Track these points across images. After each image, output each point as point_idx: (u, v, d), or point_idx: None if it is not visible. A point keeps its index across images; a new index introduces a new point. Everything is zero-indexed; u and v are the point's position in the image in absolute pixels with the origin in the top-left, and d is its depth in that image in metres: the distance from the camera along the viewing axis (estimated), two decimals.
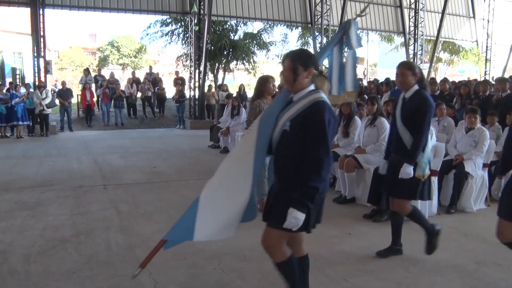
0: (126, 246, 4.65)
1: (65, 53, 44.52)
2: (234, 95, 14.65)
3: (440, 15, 23.28)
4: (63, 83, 16.56)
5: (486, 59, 25.02)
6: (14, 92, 13.85)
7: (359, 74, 38.03)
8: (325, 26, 20.25)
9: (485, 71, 25.07)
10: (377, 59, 47.70)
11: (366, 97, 9.61)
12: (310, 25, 21.09)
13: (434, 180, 5.74)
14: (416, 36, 21.81)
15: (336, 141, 7.05)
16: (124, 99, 17.45)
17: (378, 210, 5.62)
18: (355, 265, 4.19)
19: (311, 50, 21.50)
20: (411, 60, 21.63)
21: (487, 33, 24.69)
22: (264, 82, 5.90)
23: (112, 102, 17.28)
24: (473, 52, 27.30)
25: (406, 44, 22.82)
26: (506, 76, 16.34)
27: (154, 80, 19.49)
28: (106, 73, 21.21)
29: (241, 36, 25.21)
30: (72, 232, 5.04)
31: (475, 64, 27.78)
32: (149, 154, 10.70)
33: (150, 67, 22.73)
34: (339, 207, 6.22)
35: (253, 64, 26.14)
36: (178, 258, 4.27)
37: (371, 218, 5.58)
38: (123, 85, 18.68)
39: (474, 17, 25.20)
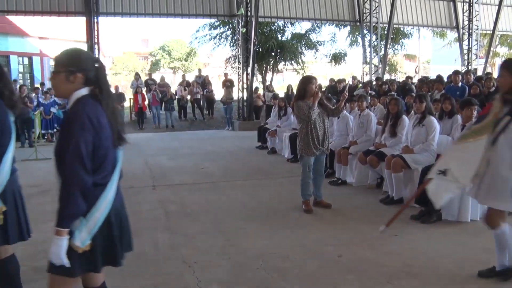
0: (172, 245, 4.76)
1: (119, 58, 45.99)
2: (282, 95, 14.68)
3: (496, 7, 22.31)
4: (116, 88, 17.13)
5: None
6: None
7: (410, 72, 36.97)
8: (374, 24, 19.92)
9: None
10: (430, 55, 46.35)
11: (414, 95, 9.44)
12: (358, 24, 20.79)
13: None
14: (470, 31, 21.04)
15: (383, 140, 6.93)
16: (175, 101, 17.83)
17: (427, 211, 5.47)
18: (401, 267, 4.09)
19: (360, 48, 21.24)
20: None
21: None
22: (307, 82, 5.88)
23: (163, 105, 17.70)
24: None
25: (460, 40, 22.04)
26: None
27: (203, 82, 19.79)
28: (157, 76, 21.74)
29: (289, 37, 25.18)
30: None
31: None
32: (197, 155, 10.89)
33: (200, 70, 23.10)
34: (386, 208, 6.09)
35: (301, 64, 26.06)
36: (222, 257, 4.34)
37: (419, 219, 5.44)
38: (173, 88, 19.09)
39: None
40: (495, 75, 13.07)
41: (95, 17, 16.07)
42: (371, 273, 3.96)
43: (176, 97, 18.15)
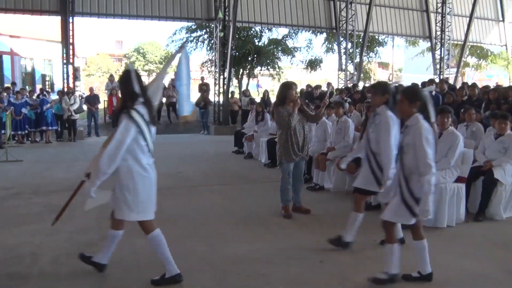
0: (151, 250, 4.68)
1: (92, 59, 45.34)
2: (258, 100, 14.71)
3: (468, 19, 22.95)
4: (91, 89, 16.86)
5: None
6: (44, 97, 14.19)
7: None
8: (350, 32, 20.17)
9: None
10: (403, 64, 47.17)
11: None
12: (335, 31, 21.03)
13: (462, 187, 5.66)
14: (442, 41, 21.55)
15: None
16: None
17: None
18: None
19: (336, 55, 21.47)
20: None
21: None
22: (287, 88, 5.88)
23: None
24: (502, 56, 26.78)
25: (432, 49, 22.55)
26: None
27: None
28: None
29: (266, 42, 25.29)
30: (99, 236, 5.10)
31: (504, 68, 27.25)
32: (173, 159, 10.79)
33: (175, 73, 22.91)
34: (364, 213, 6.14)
35: (277, 70, 26.17)
36: (205, 262, 4.31)
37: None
38: None
39: (503, 20, 24.74)
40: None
41: (70, 17, 15.83)
42: (354, 278, 3.99)
43: None
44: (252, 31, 24.32)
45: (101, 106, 17.00)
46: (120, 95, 4.12)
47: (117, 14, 16.83)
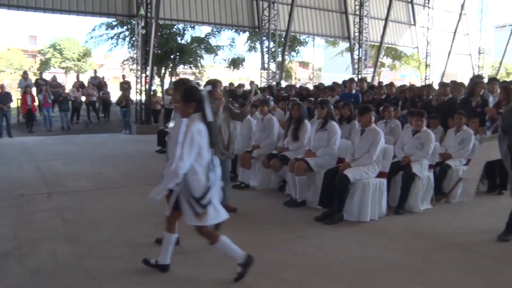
0: (74, 256, 4.45)
1: (2, 55, 42.58)
2: None
3: (383, 22, 24.07)
4: (2, 87, 15.77)
5: (426, 65, 26.07)
6: None
7: (305, 79, 38.61)
8: (272, 31, 20.41)
9: (425, 76, 26.10)
10: (322, 63, 48.60)
11: (313, 100, 9.80)
12: (257, 30, 21.20)
13: (383, 181, 5.88)
14: (360, 42, 22.39)
15: (286, 144, 7.07)
16: (70, 103, 16.93)
17: (329, 213, 5.67)
18: (310, 268, 4.19)
19: (259, 54, 21.69)
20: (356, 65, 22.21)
21: (427, 40, 25.78)
22: (212, 86, 5.80)
23: (56, 105, 16.67)
24: (414, 58, 28.32)
25: (351, 49, 23.39)
26: (445, 81, 17.01)
27: (99, 84, 18.96)
28: (48, 76, 20.44)
29: (189, 40, 24.98)
30: (14, 244, 4.76)
31: (416, 69, 28.85)
32: (95, 160, 10.36)
33: (95, 71, 22.12)
34: (290, 211, 6.23)
35: (200, 69, 25.96)
36: (129, 267, 4.13)
37: (322, 220, 5.62)
38: (67, 89, 18.10)
39: (415, 24, 26.19)
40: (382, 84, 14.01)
41: None
42: (283, 276, 4.00)
43: (71, 98, 17.20)
44: (174, 29, 23.90)
45: (13, 105, 15.97)
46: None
47: (30, 6, 15.82)
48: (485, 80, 10.96)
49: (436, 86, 10.83)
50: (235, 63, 27.14)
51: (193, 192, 3.63)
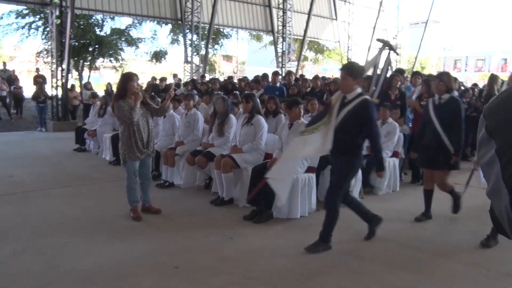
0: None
1: None
2: (101, 94, 13.79)
3: (306, 16, 24.33)
4: None
5: (347, 59, 26.72)
6: None
7: (229, 72, 38.63)
8: (195, 23, 19.99)
9: None
10: (246, 57, 48.67)
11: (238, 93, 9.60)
12: (180, 22, 20.67)
13: (312, 176, 5.79)
14: (284, 35, 22.51)
15: (211, 140, 6.82)
16: None
17: (258, 211, 5.49)
18: (241, 272, 3.95)
19: (182, 47, 21.21)
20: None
21: (348, 35, 26.44)
22: (127, 80, 5.43)
23: None
24: (336, 51, 29.00)
25: (275, 43, 23.47)
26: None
27: (9, 78, 17.68)
28: None
29: (108, 32, 23.96)
30: None
31: (338, 63, 29.56)
32: (4, 161, 9.50)
33: (4, 64, 20.55)
34: (217, 210, 5.98)
35: (120, 62, 25.05)
36: (42, 282, 3.70)
37: (252, 219, 5.43)
38: None
39: (336, 19, 26.73)
40: (308, 77, 14.12)
41: None
42: (211, 283, 3.73)
43: None
44: (93, 19, 22.82)
45: None
46: None
47: None
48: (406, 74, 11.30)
49: None
50: (158, 56, 26.47)
51: None
